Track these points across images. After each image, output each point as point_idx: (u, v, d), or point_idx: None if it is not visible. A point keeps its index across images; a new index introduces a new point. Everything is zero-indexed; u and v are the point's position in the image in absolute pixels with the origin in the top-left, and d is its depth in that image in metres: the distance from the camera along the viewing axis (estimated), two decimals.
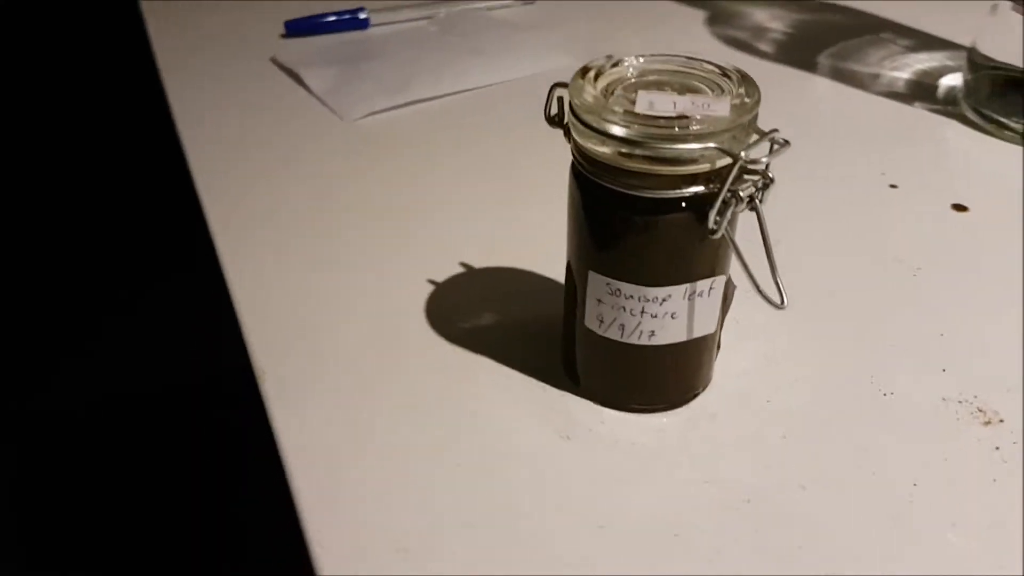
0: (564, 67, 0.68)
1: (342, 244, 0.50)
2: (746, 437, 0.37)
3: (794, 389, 0.40)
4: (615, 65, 0.35)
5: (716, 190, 0.32)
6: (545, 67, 0.68)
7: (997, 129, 0.60)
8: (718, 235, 0.33)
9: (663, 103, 0.32)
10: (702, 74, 0.34)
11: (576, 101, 0.33)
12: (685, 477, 0.36)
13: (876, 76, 0.68)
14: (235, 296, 0.45)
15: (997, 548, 0.33)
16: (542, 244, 0.49)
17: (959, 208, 0.52)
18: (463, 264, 0.47)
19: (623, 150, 0.32)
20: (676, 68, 0.35)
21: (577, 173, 0.35)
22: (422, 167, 0.57)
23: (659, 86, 0.34)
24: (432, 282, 0.46)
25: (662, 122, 0.31)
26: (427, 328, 0.43)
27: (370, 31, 0.72)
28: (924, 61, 0.69)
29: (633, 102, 0.32)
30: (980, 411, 0.38)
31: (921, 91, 0.65)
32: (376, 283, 0.46)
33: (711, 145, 0.31)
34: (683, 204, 0.33)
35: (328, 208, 0.53)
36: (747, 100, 0.33)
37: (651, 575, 0.32)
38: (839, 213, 0.52)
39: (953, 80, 0.66)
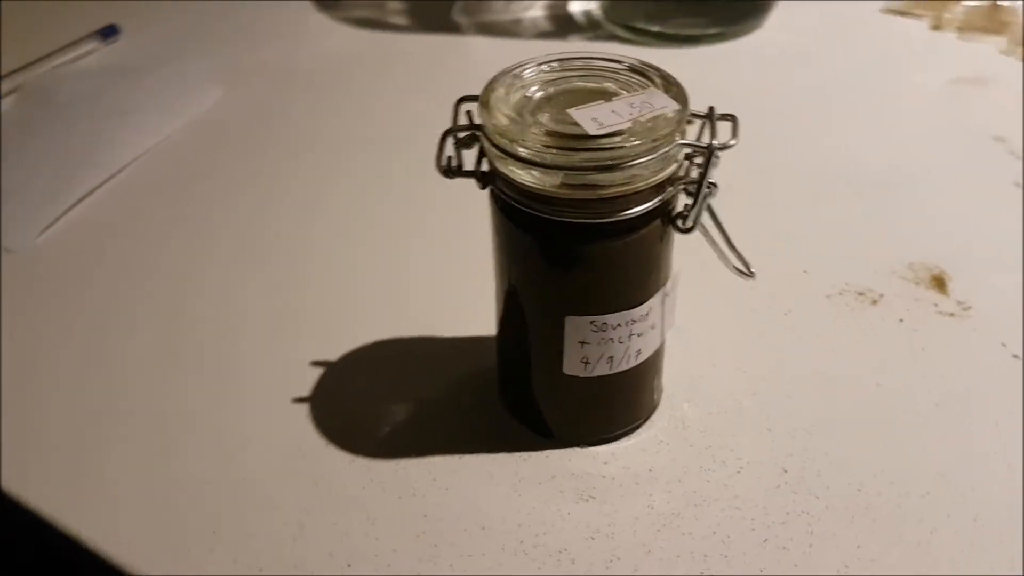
0: (217, 98, 0.59)
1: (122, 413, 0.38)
2: (728, 412, 0.37)
3: (718, 351, 0.40)
4: (495, 91, 0.30)
5: (685, 187, 0.30)
6: (203, 105, 0.58)
7: (651, 39, 0.64)
8: (694, 231, 0.31)
9: (606, 116, 0.29)
10: (598, 73, 0.31)
11: (521, 146, 0.28)
12: (720, 479, 0.34)
13: (518, 21, 0.68)
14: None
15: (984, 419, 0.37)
16: (392, 303, 0.42)
17: None
18: (317, 363, 0.39)
19: (594, 182, 0.28)
20: (570, 74, 0.31)
21: (518, 217, 0.30)
22: (163, 268, 0.45)
23: (576, 99, 0.30)
24: (300, 400, 0.37)
25: (622, 137, 0.28)
26: (339, 455, 0.35)
27: None
28: None
29: (568, 123, 0.28)
30: (861, 295, 0.42)
31: (566, 24, 0.67)
32: (233, 436, 0.37)
33: (682, 142, 0.29)
34: (654, 212, 0.30)
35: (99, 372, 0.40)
36: (673, 86, 0.30)
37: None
38: None
39: (579, 6, 0.69)
